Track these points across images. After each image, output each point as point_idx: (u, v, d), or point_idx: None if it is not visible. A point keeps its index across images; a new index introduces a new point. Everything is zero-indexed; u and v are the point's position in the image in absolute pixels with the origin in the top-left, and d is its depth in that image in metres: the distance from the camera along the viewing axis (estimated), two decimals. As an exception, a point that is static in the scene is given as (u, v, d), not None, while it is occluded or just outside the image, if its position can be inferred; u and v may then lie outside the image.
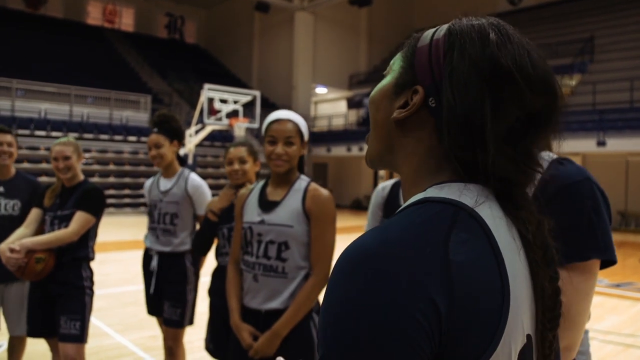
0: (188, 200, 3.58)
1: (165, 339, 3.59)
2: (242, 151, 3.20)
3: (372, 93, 0.87)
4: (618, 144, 15.70)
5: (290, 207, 2.35)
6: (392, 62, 0.87)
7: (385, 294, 0.62)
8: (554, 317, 0.77)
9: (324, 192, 2.40)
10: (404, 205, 0.74)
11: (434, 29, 0.82)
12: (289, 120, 2.39)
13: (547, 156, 1.44)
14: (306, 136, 2.45)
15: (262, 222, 2.36)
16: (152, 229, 3.65)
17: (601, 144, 15.93)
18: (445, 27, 0.80)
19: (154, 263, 3.58)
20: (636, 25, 21.23)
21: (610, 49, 21.00)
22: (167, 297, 3.55)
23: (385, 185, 2.80)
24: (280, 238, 2.31)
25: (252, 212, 2.42)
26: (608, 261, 1.33)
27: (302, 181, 2.44)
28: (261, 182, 2.55)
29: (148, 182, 3.83)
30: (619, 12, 22.66)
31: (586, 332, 1.61)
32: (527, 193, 0.78)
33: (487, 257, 0.67)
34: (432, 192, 0.73)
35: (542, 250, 0.76)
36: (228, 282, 2.51)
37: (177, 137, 3.65)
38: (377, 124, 0.85)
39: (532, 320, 0.74)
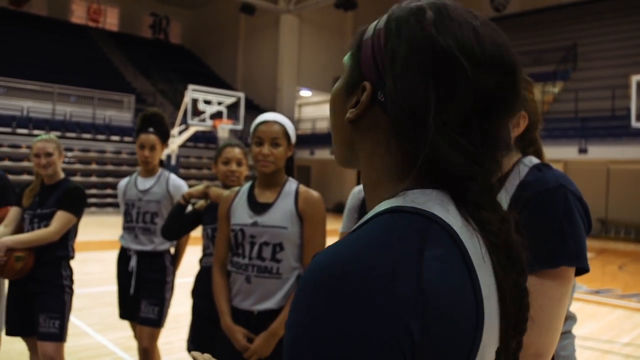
0: (169, 199, 3.60)
1: (140, 340, 3.50)
2: (239, 153, 3.20)
3: (330, 97, 0.82)
4: (600, 152, 15.86)
5: (283, 209, 2.39)
6: (343, 61, 0.81)
7: (351, 320, 0.55)
8: (518, 322, 0.71)
9: (315, 194, 2.46)
10: (371, 215, 0.67)
11: (378, 19, 0.76)
12: (276, 122, 2.43)
13: (528, 162, 1.45)
14: (293, 138, 2.49)
15: (255, 224, 2.38)
16: (128, 228, 3.63)
17: (583, 151, 16.09)
18: (386, 14, 0.74)
19: (133, 263, 3.56)
20: (619, 33, 21.47)
21: (593, 57, 21.23)
22: (144, 295, 3.52)
23: (361, 187, 2.80)
24: (275, 239, 2.35)
25: (242, 214, 2.43)
26: (581, 269, 1.33)
27: (292, 183, 2.48)
28: (247, 185, 2.56)
29: (123, 182, 3.82)
30: (602, 20, 22.85)
31: (572, 336, 1.61)
32: (489, 188, 0.70)
33: (461, 274, 0.61)
34: (399, 200, 0.66)
35: (505, 250, 0.69)
36: (215, 284, 2.48)
37: (167, 139, 3.71)
38: (335, 127, 0.80)
39: (499, 329, 0.68)
